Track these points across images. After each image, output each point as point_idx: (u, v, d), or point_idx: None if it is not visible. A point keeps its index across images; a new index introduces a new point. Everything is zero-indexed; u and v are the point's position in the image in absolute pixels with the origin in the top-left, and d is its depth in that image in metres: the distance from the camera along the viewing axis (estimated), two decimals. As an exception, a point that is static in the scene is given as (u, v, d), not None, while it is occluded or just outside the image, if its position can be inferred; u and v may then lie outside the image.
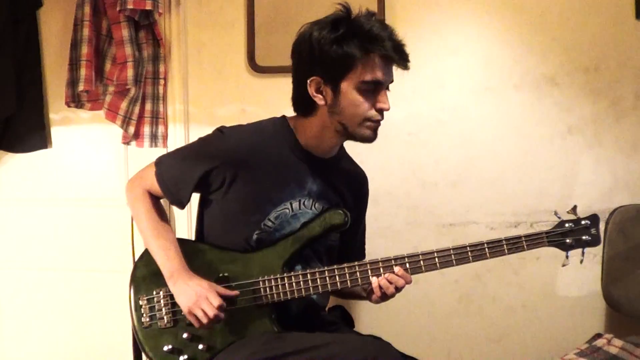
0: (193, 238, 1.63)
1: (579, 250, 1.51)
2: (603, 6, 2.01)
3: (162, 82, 2.06)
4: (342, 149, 1.65)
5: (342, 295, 1.75)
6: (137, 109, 2.01)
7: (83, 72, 1.93)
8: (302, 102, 1.51)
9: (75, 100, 2.02)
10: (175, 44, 2.10)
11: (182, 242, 1.54)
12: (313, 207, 1.55)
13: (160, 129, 2.07)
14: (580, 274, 2.04)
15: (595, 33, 2.02)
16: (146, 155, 1.76)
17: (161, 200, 1.60)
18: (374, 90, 1.44)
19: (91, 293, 2.10)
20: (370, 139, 1.49)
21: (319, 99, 1.46)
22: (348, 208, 1.58)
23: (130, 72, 1.94)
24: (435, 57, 2.06)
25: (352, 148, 2.06)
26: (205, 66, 2.08)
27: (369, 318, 2.01)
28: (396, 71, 1.46)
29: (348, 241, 1.66)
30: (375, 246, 1.67)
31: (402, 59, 1.44)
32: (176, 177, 1.55)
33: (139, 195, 1.57)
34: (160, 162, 1.57)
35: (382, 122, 1.47)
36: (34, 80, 2.09)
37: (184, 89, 2.10)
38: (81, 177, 2.14)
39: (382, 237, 1.97)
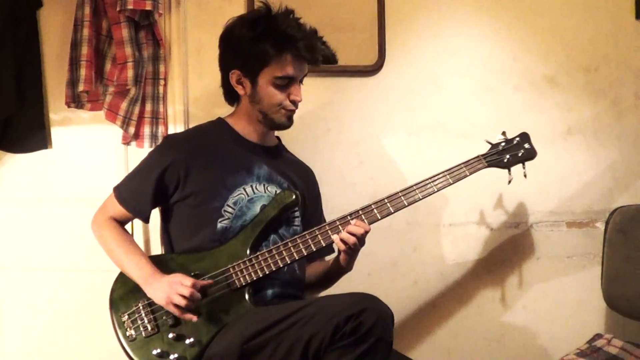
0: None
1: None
2: (603, 6, 2.01)
3: (162, 82, 2.06)
4: (280, 143, 1.80)
5: (319, 283, 1.79)
6: (137, 110, 2.01)
7: (83, 72, 1.93)
8: (228, 92, 1.72)
9: (75, 100, 2.02)
10: (175, 44, 2.10)
11: (150, 258, 1.61)
12: (266, 191, 1.65)
13: (161, 129, 2.07)
14: (580, 274, 2.05)
15: (595, 33, 2.02)
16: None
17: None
18: (288, 84, 1.61)
19: (91, 293, 2.09)
20: (285, 125, 1.67)
21: (239, 89, 1.66)
22: (301, 193, 1.70)
23: (130, 73, 1.94)
24: (434, 57, 2.06)
25: (354, 148, 2.07)
26: (205, 66, 2.08)
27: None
28: (396, 72, 1.46)
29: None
30: (375, 246, 1.67)
31: (313, 59, 1.62)
32: (134, 190, 1.66)
33: (103, 223, 1.67)
34: (117, 187, 1.69)
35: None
36: (34, 80, 2.08)
37: (184, 89, 2.10)
38: (81, 178, 2.14)
39: (382, 236, 1.97)
